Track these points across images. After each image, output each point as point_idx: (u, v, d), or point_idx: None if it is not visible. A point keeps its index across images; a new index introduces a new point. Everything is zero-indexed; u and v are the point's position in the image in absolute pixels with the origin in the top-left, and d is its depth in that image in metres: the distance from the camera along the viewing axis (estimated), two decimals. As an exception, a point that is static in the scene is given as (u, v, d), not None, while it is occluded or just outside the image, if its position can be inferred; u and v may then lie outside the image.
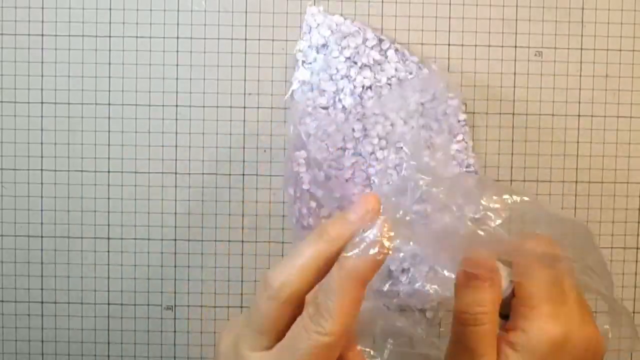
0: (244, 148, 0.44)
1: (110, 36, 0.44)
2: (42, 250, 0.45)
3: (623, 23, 0.44)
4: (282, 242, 0.45)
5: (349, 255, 0.26)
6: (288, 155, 0.41)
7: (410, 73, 0.41)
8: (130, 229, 0.45)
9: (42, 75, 0.44)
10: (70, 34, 0.44)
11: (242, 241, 0.45)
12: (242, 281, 0.45)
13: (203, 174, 0.44)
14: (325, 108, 0.41)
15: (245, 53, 0.44)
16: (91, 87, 0.44)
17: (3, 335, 0.45)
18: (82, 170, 0.44)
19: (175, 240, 0.45)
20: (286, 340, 0.26)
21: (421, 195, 0.30)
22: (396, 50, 0.42)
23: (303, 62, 0.42)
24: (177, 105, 0.44)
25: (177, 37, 0.44)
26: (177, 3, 0.44)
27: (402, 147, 0.40)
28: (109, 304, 0.45)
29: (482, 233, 0.29)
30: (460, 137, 0.41)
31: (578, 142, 0.44)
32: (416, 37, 0.44)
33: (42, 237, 0.45)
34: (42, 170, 0.44)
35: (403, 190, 0.30)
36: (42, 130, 0.44)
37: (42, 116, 0.44)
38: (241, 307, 0.45)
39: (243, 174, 0.44)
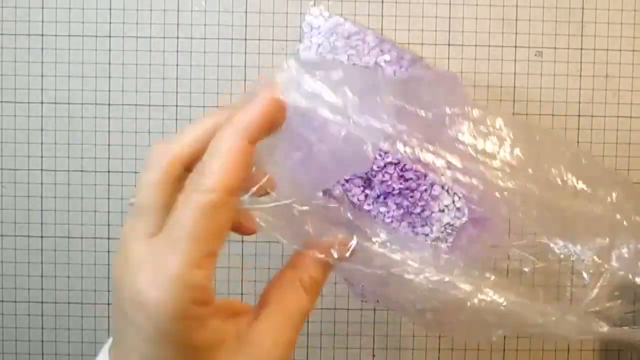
0: (244, 148, 0.44)
1: (110, 36, 0.44)
2: (42, 250, 0.45)
3: (623, 23, 0.44)
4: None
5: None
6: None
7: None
8: (130, 229, 0.45)
9: (42, 75, 0.44)
10: (70, 34, 0.44)
11: (242, 241, 0.45)
12: (242, 281, 0.45)
13: (203, 174, 0.44)
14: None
15: (245, 53, 0.44)
16: (91, 87, 0.44)
17: (3, 335, 0.45)
18: (82, 170, 0.44)
19: (175, 240, 0.45)
20: (171, 216, 0.22)
21: None
22: (397, 54, 0.41)
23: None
24: (177, 105, 0.44)
25: (177, 37, 0.44)
26: (177, 3, 0.44)
27: None
28: (109, 304, 0.45)
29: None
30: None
31: (578, 142, 0.44)
32: (416, 37, 0.44)
33: (42, 237, 0.45)
34: (42, 170, 0.44)
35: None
36: (42, 130, 0.44)
37: (42, 116, 0.44)
38: (241, 307, 0.45)
39: (243, 174, 0.44)
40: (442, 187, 0.40)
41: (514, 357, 0.45)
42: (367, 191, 0.41)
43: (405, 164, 0.40)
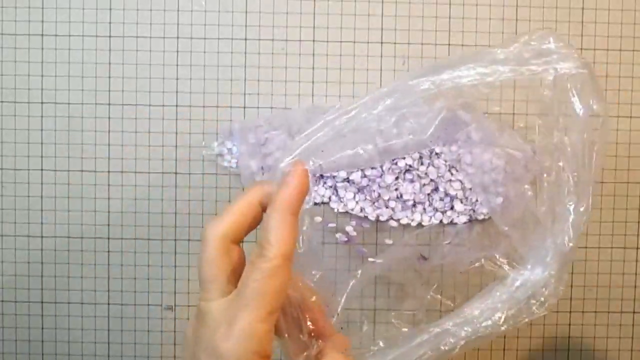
0: (244, 148, 0.44)
1: (110, 36, 0.44)
2: (42, 250, 0.45)
3: (623, 23, 0.44)
4: (282, 242, 0.45)
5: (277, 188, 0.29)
6: None
7: None
8: (130, 229, 0.45)
9: (42, 75, 0.44)
10: (70, 34, 0.44)
11: (242, 242, 0.45)
12: (242, 281, 0.45)
13: (203, 174, 0.44)
14: None
15: (245, 53, 0.44)
16: (91, 87, 0.44)
17: (3, 335, 0.45)
18: (82, 170, 0.44)
19: (175, 240, 0.45)
20: (241, 282, 0.28)
21: None
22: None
23: None
24: (177, 105, 0.44)
25: (177, 37, 0.44)
26: (177, 3, 0.44)
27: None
28: (109, 304, 0.45)
29: None
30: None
31: (578, 142, 0.44)
32: (416, 37, 0.44)
33: (42, 237, 0.45)
34: (42, 170, 0.44)
35: None
36: (42, 130, 0.44)
37: (42, 116, 0.44)
38: (241, 307, 0.45)
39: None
40: None
41: (514, 357, 0.45)
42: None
43: None
